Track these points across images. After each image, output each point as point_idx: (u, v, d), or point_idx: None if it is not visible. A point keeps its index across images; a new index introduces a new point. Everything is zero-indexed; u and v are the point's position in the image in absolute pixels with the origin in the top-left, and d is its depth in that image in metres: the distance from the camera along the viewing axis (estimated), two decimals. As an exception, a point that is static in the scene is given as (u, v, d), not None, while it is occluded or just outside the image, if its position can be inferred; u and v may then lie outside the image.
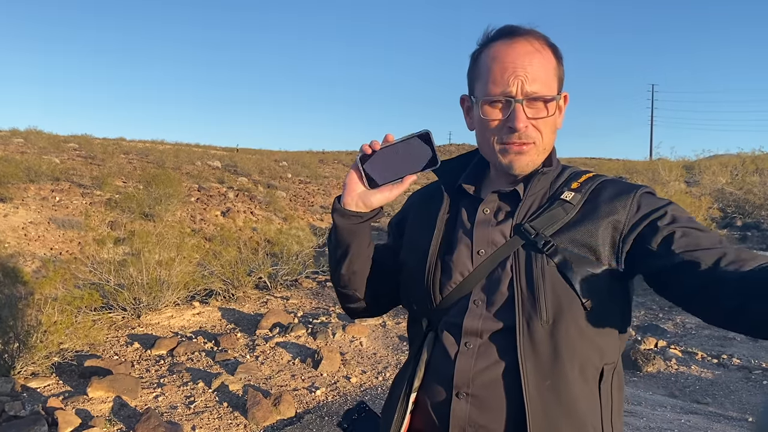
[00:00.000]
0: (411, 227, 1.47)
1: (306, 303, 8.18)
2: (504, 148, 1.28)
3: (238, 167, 24.58)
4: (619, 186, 1.29)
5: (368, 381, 5.39)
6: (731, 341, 6.55)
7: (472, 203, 1.36)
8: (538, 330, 1.18)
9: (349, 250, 1.38)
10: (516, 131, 1.24)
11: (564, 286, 1.19)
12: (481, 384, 1.21)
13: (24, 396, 4.66)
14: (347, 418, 1.45)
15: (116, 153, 23.76)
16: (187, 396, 4.87)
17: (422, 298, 1.33)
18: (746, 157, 20.10)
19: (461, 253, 1.31)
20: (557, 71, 1.29)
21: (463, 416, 1.22)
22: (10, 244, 10.65)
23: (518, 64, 1.24)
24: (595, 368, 1.21)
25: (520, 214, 1.28)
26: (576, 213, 1.25)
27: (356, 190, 1.31)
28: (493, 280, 1.25)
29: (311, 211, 18.99)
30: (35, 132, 27.14)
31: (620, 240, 1.21)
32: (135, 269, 6.83)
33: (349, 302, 1.51)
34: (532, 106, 1.25)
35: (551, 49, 1.29)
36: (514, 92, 1.23)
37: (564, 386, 1.18)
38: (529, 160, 1.28)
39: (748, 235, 12.25)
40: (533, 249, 1.23)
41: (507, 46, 1.25)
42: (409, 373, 1.33)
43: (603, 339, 1.22)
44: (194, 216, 15.25)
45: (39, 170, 15.38)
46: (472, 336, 1.24)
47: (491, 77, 1.25)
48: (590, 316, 1.19)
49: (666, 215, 1.19)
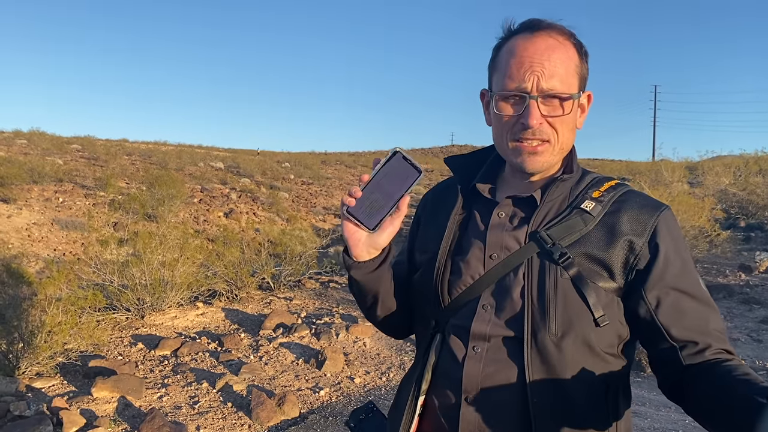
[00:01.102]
0: (424, 227, 1.44)
1: (309, 303, 8.18)
2: (517, 147, 1.24)
3: (240, 168, 24.61)
4: (641, 202, 1.24)
5: (372, 381, 5.39)
6: (735, 342, 6.53)
7: (486, 205, 1.33)
8: (546, 342, 1.16)
9: (378, 296, 1.36)
10: (529, 128, 1.21)
11: (576, 300, 1.16)
12: (490, 389, 1.20)
13: (29, 396, 4.66)
14: (354, 417, 1.44)
15: (119, 154, 23.83)
16: (192, 396, 4.87)
17: (431, 299, 1.31)
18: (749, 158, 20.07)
19: (473, 256, 1.28)
20: (579, 69, 1.25)
21: (473, 420, 1.21)
22: (13, 245, 10.67)
23: (536, 60, 1.20)
24: (602, 381, 1.20)
25: (536, 220, 1.25)
26: (595, 225, 1.21)
27: (360, 239, 1.25)
28: (504, 286, 1.22)
29: (314, 212, 19.00)
30: (38, 133, 27.22)
31: (634, 263, 1.19)
32: (138, 270, 6.85)
33: (393, 332, 1.51)
34: (547, 104, 1.21)
35: (575, 46, 1.25)
36: (529, 88, 1.20)
37: (569, 400, 1.17)
38: (544, 161, 1.25)
39: (751, 235, 12.23)
40: (548, 259, 1.20)
41: (526, 40, 1.22)
42: (417, 376, 1.31)
43: (611, 354, 1.21)
44: (197, 217, 15.26)
45: (42, 171, 15.41)
46: (480, 340, 1.22)
47: (508, 72, 1.22)
48: (601, 331, 1.17)
49: (673, 265, 1.18)
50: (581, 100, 1.28)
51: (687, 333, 1.17)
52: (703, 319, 1.18)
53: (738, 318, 7.34)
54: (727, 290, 8.32)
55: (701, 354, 1.16)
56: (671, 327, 1.17)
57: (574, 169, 1.29)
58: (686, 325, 1.17)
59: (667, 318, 1.17)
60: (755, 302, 7.82)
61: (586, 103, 1.30)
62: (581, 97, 1.27)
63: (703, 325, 1.17)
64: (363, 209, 1.23)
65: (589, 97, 1.30)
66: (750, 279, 9.06)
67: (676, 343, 1.17)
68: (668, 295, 1.18)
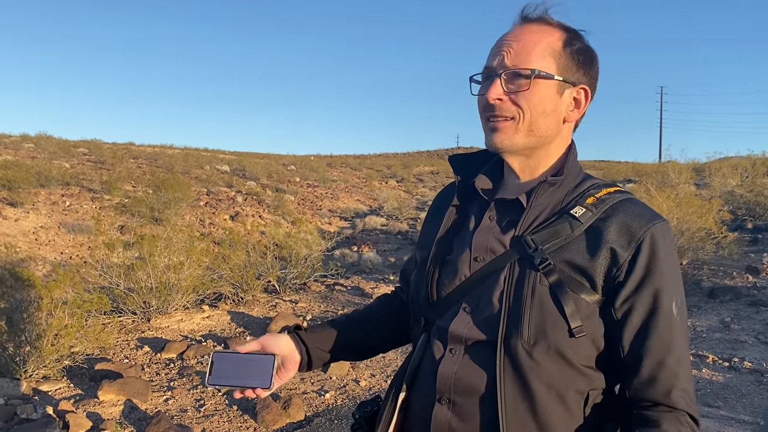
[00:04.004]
0: (425, 225, 1.46)
1: (315, 306, 8.18)
2: (487, 125, 1.24)
3: (246, 171, 24.67)
4: (636, 212, 1.18)
5: (377, 384, 5.39)
6: (742, 344, 6.49)
7: (481, 207, 1.32)
8: (518, 349, 1.14)
9: (357, 349, 1.56)
10: (490, 104, 1.20)
11: (552, 308, 1.13)
12: (461, 391, 1.19)
13: (35, 399, 4.68)
14: (361, 410, 1.45)
15: (125, 157, 23.93)
16: (197, 399, 4.88)
17: (422, 298, 1.32)
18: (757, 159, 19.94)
19: (460, 258, 1.27)
20: (557, 54, 1.21)
21: (444, 422, 1.20)
22: (21, 248, 10.73)
23: (507, 40, 1.21)
24: (579, 393, 1.16)
25: (524, 224, 1.21)
26: (582, 232, 1.17)
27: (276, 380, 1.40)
28: (484, 290, 1.21)
29: (319, 215, 19.02)
30: (45, 137, 27.41)
31: (616, 274, 1.15)
32: (144, 273, 6.87)
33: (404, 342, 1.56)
34: (511, 81, 1.19)
35: (561, 32, 1.23)
36: (495, 65, 1.20)
37: (541, 410, 1.14)
38: (505, 138, 1.21)
39: (758, 237, 12.16)
40: (528, 264, 1.17)
41: (513, 28, 1.24)
42: (402, 373, 1.34)
43: (590, 367, 1.17)
44: (203, 220, 15.31)
45: (49, 175, 15.50)
46: (457, 342, 1.22)
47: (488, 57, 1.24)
48: (576, 342, 1.13)
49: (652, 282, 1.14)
50: (574, 93, 1.25)
51: (640, 360, 1.14)
52: (664, 348, 1.14)
53: (745, 320, 7.30)
54: (734, 292, 8.27)
55: (644, 392, 1.15)
56: (627, 346, 1.15)
57: (564, 173, 1.23)
58: (645, 349, 1.14)
59: (627, 336, 1.15)
60: (762, 304, 7.77)
61: (583, 100, 1.26)
62: (572, 87, 1.24)
63: (661, 356, 1.14)
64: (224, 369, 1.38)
65: (585, 92, 1.26)
66: (757, 281, 9.00)
67: (627, 366, 1.16)
68: (637, 313, 1.14)
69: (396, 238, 15.54)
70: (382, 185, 28.15)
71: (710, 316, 7.48)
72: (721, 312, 7.65)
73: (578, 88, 1.25)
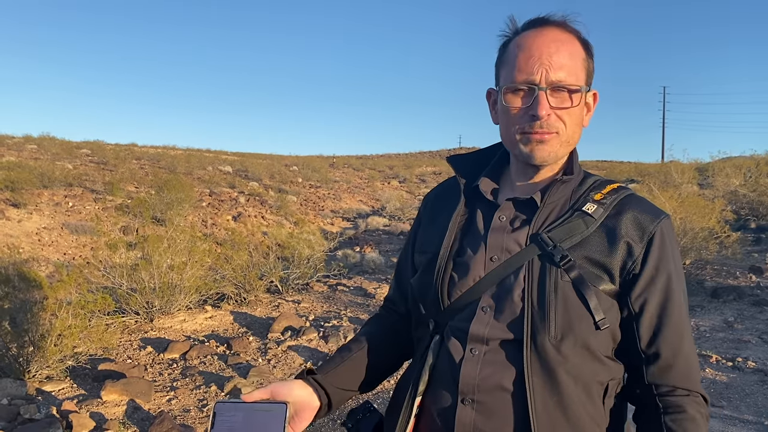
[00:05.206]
0: (424, 228, 1.44)
1: (317, 307, 8.18)
2: (526, 137, 1.23)
3: (249, 172, 24.70)
4: (643, 207, 1.26)
5: (379, 384, 5.39)
6: (746, 344, 6.48)
7: (488, 207, 1.32)
8: (546, 345, 1.16)
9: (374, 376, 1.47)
10: (538, 119, 1.20)
11: (577, 303, 1.17)
12: (486, 391, 1.19)
13: (39, 399, 4.69)
14: (352, 417, 1.42)
15: (128, 158, 23.97)
16: (200, 399, 4.89)
17: (431, 301, 1.30)
18: (760, 159, 19.90)
19: (474, 258, 1.27)
20: (586, 63, 1.26)
21: (469, 422, 1.20)
22: (24, 249, 10.76)
23: (544, 52, 1.21)
24: (600, 384, 1.21)
25: (537, 222, 1.25)
26: (596, 228, 1.22)
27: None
28: (504, 288, 1.22)
29: (322, 216, 19.04)
30: (48, 138, 27.49)
31: (631, 267, 1.20)
32: (147, 273, 6.88)
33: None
34: (555, 96, 1.21)
35: (581, 42, 1.26)
36: (538, 80, 1.20)
37: (569, 403, 1.17)
38: (551, 150, 1.24)
39: (762, 237, 12.13)
40: (549, 261, 1.20)
41: (535, 35, 1.24)
42: (414, 377, 1.31)
43: (610, 357, 1.22)
44: (206, 220, 15.33)
45: (52, 176, 15.55)
46: (478, 343, 1.22)
47: (516, 65, 1.22)
48: (600, 335, 1.18)
49: (663, 274, 1.21)
50: (587, 97, 1.28)
51: (657, 348, 1.20)
52: (678, 335, 1.21)
53: (748, 320, 7.28)
54: (737, 292, 8.25)
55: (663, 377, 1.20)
56: (645, 336, 1.20)
57: (574, 171, 1.28)
58: (662, 337, 1.20)
59: (645, 326, 1.20)
60: (766, 304, 7.76)
61: (592, 102, 1.31)
62: (588, 92, 1.28)
63: (676, 343, 1.20)
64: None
65: (594, 96, 1.31)
66: (760, 281, 8.99)
67: (644, 354, 1.21)
68: (653, 303, 1.20)
69: (398, 239, 15.55)
70: (385, 186, 28.17)
71: (714, 316, 7.46)
72: (724, 312, 7.63)
73: (591, 92, 1.30)
